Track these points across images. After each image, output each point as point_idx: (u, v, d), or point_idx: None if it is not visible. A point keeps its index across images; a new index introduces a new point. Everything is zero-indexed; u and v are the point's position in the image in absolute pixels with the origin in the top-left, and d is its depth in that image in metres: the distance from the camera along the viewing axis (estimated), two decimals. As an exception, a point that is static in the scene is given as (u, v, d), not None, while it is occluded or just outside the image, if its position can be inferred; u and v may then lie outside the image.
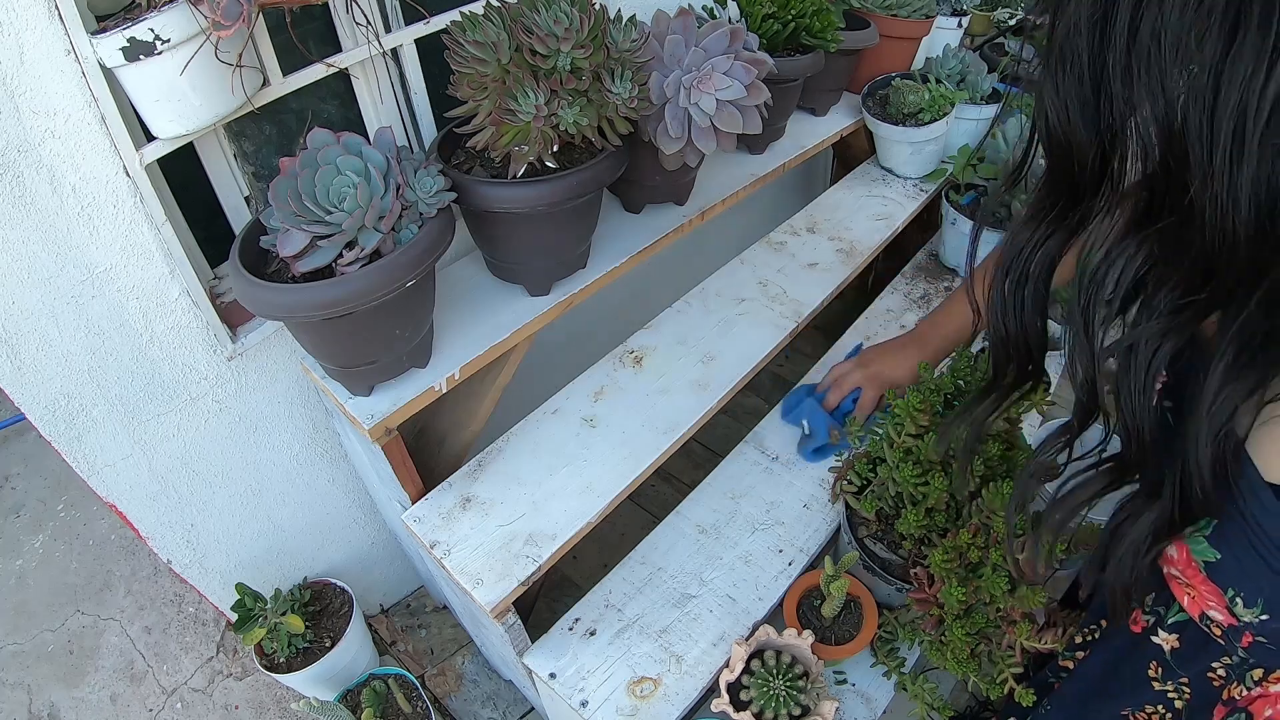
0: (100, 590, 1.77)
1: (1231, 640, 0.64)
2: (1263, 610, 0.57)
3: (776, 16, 1.27)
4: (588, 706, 0.99)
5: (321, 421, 1.27)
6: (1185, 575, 0.63)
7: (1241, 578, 0.58)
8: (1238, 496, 0.54)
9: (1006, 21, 1.97)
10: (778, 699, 0.91)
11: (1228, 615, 0.61)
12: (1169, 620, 0.71)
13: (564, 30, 0.85)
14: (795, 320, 1.32)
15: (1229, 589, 0.59)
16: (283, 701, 1.55)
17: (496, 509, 1.04)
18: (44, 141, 0.80)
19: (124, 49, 0.76)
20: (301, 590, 1.36)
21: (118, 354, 0.98)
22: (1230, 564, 0.58)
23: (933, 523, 0.95)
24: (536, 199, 0.95)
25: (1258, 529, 0.54)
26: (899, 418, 0.97)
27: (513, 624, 1.01)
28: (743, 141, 1.29)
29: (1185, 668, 0.71)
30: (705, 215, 1.29)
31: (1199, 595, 0.63)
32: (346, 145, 0.86)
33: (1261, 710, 0.67)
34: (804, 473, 1.25)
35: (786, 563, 1.13)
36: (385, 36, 1.05)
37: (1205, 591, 0.62)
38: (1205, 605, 0.63)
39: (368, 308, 0.84)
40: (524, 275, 1.10)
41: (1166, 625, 0.71)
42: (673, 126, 1.03)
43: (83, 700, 1.57)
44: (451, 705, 1.53)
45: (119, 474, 1.07)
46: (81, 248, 0.88)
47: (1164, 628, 0.71)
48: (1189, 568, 0.62)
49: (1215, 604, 0.61)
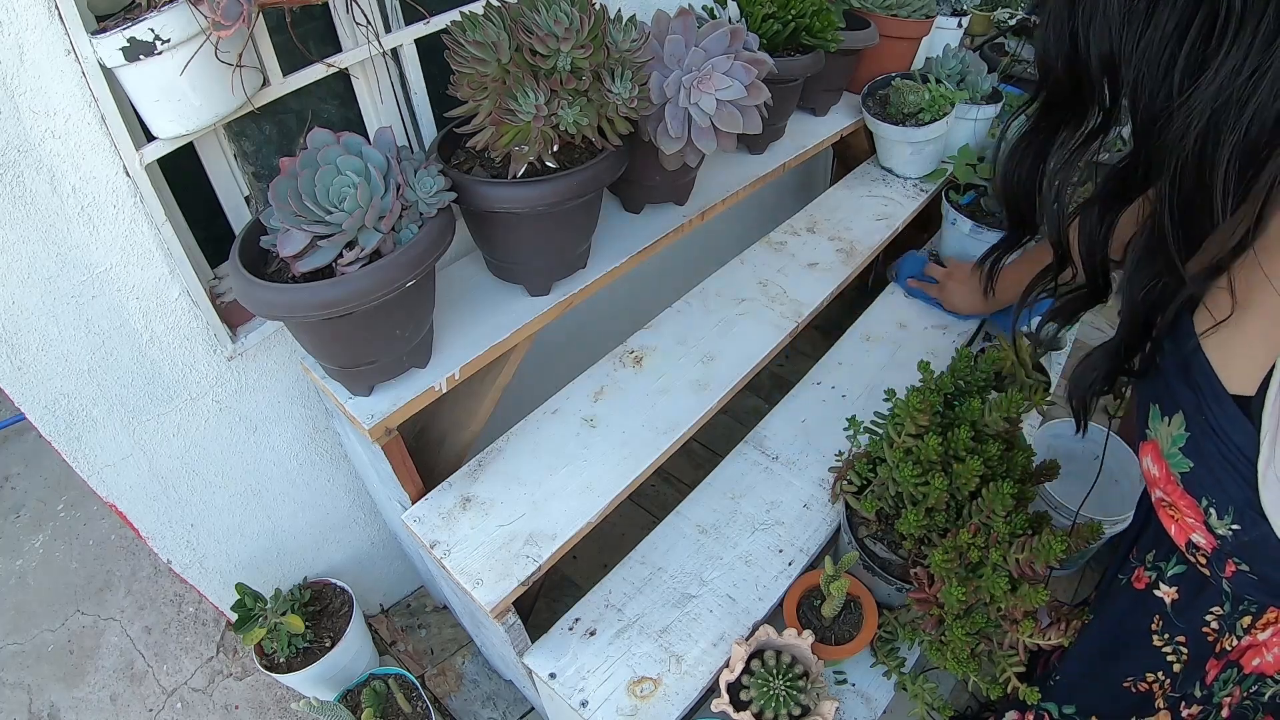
0: (100, 590, 1.77)
1: (1216, 571, 0.70)
2: (1234, 519, 0.63)
3: (776, 16, 1.27)
4: (588, 706, 0.99)
5: (321, 421, 1.27)
6: (1167, 492, 0.70)
7: (1213, 486, 0.64)
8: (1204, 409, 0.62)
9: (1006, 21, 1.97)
10: (778, 699, 0.91)
11: (1206, 533, 0.67)
12: (1169, 573, 0.79)
13: (564, 30, 0.85)
14: (795, 320, 1.32)
15: (1203, 498, 0.66)
16: (283, 701, 1.55)
17: (496, 509, 1.04)
18: (44, 141, 0.80)
19: (124, 49, 0.76)
20: (301, 590, 1.36)
21: (118, 354, 0.98)
22: (1203, 473, 0.64)
23: (933, 523, 0.95)
24: (536, 199, 0.95)
25: (1224, 438, 0.60)
26: (899, 418, 0.97)
27: (513, 624, 1.01)
28: (743, 141, 1.29)
29: (1183, 619, 0.78)
30: (705, 215, 1.29)
31: (1181, 516, 0.69)
32: (346, 145, 0.86)
33: (1250, 660, 0.74)
34: (804, 473, 1.25)
35: (786, 563, 1.13)
36: (385, 36, 1.05)
37: (1184, 507, 0.68)
38: (1188, 529, 0.69)
39: (368, 308, 0.84)
40: (524, 275, 1.10)
41: (1167, 579, 0.79)
42: (673, 126, 1.03)
43: (83, 700, 1.57)
44: (451, 705, 1.53)
45: (119, 474, 1.07)
46: (81, 248, 0.88)
47: (1165, 581, 0.79)
48: (1169, 482, 0.69)
49: (1195, 521, 0.67)
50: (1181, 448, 0.65)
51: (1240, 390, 0.59)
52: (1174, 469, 0.67)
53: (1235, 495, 0.61)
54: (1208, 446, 0.62)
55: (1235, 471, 0.60)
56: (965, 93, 1.59)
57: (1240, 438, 0.59)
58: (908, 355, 1.49)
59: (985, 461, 0.92)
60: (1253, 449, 0.58)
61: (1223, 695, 0.79)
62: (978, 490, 0.92)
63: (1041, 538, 0.86)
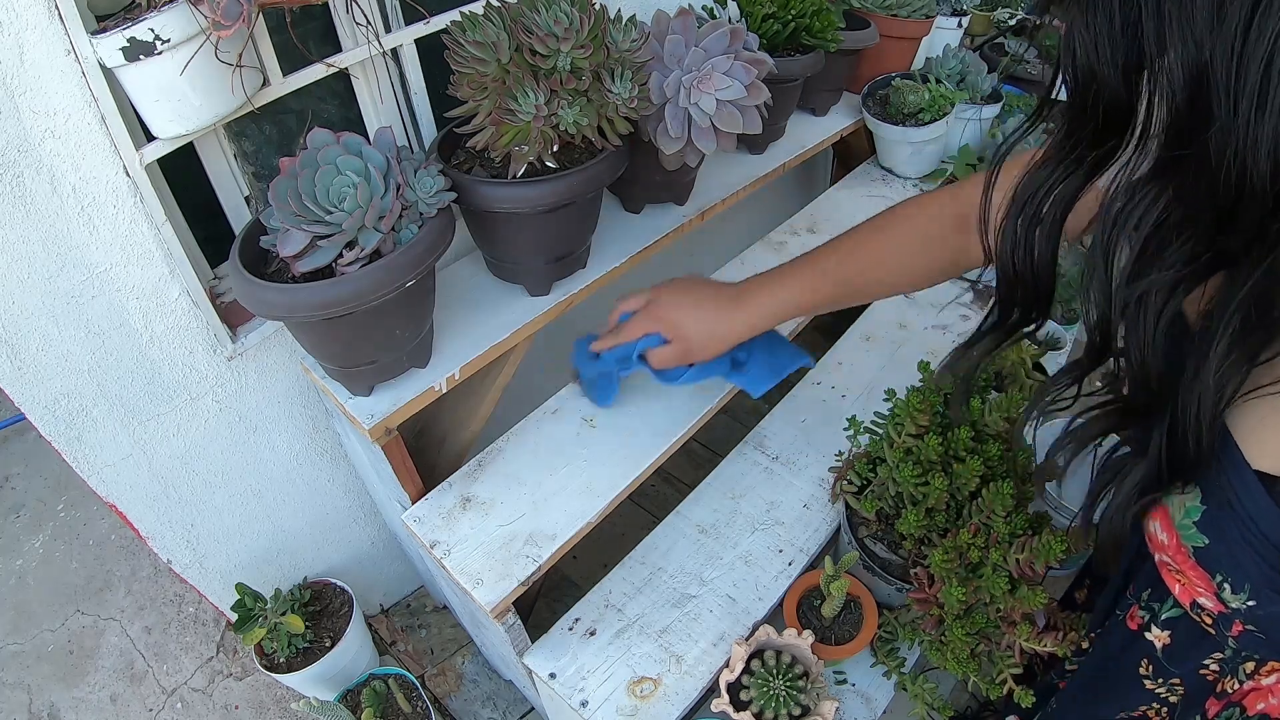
0: (100, 590, 1.77)
1: (1222, 630, 0.65)
2: (1249, 596, 0.58)
3: (776, 16, 1.27)
4: (588, 706, 0.99)
5: (321, 421, 1.27)
6: (1176, 561, 0.64)
7: (1229, 564, 0.58)
8: (1225, 485, 0.54)
9: (1006, 21, 1.97)
10: (778, 699, 0.91)
11: (1216, 602, 0.61)
12: (1162, 616, 0.72)
13: (564, 30, 0.85)
14: (795, 320, 1.32)
15: (1217, 574, 0.60)
16: (283, 701, 1.55)
17: (496, 509, 1.04)
18: (44, 141, 0.80)
19: (124, 49, 0.76)
20: (301, 590, 1.36)
21: (118, 354, 0.98)
22: (1218, 550, 0.58)
23: (933, 523, 0.95)
24: (536, 199, 0.95)
25: (1244, 516, 0.54)
26: (899, 418, 0.97)
27: (513, 624, 1.01)
28: (743, 141, 1.29)
29: (1177, 665, 0.72)
30: (705, 215, 1.29)
31: (1189, 582, 0.64)
32: (346, 145, 0.86)
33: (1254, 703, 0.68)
34: (804, 473, 1.25)
35: (786, 563, 1.13)
36: (385, 36, 1.05)
37: (1194, 578, 0.62)
38: (1195, 593, 0.64)
39: (368, 308, 0.84)
40: (524, 275, 1.10)
41: (1160, 621, 0.72)
42: (673, 126, 1.03)
43: (83, 700, 1.57)
44: (451, 705, 1.53)
45: (119, 474, 1.07)
46: (81, 248, 0.88)
47: (1157, 624, 0.72)
48: (1179, 553, 0.62)
49: (1204, 590, 0.62)
50: (1196, 521, 0.59)
51: (1269, 468, 0.52)
52: (1186, 541, 0.61)
53: (1254, 575, 0.56)
54: (1227, 525, 0.56)
55: (1255, 553, 0.55)
56: (965, 93, 1.59)
57: (1265, 522, 0.53)
58: (908, 355, 1.49)
59: (985, 461, 0.92)
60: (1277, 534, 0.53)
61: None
62: (978, 490, 0.92)
63: (1041, 538, 0.86)
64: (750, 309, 0.91)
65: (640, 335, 0.92)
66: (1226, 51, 0.38)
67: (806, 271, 0.91)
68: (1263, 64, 0.37)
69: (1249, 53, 0.37)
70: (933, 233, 0.86)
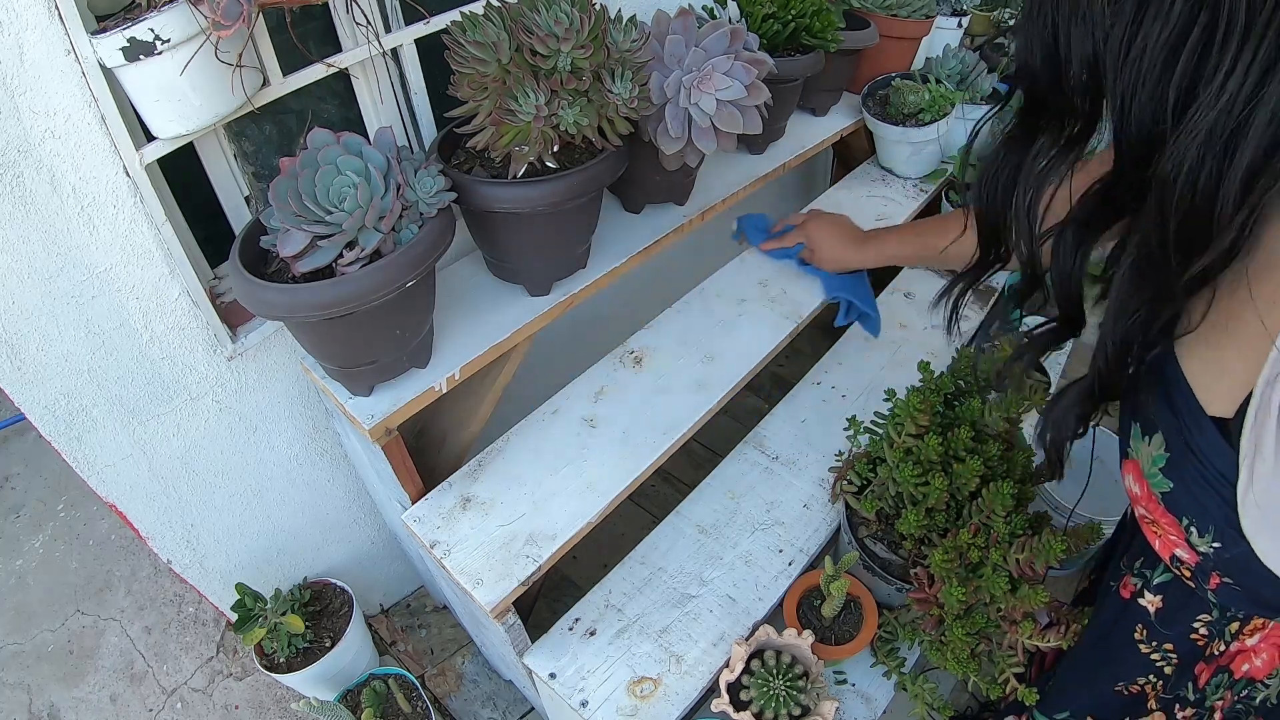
0: (100, 590, 1.77)
1: (1201, 583, 0.69)
2: (1214, 538, 0.63)
3: (776, 16, 1.27)
4: (588, 706, 0.99)
5: (321, 421, 1.27)
6: (1149, 510, 0.70)
7: (1193, 506, 0.63)
8: (1183, 430, 0.60)
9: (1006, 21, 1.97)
10: (778, 699, 0.91)
11: (1189, 550, 0.66)
12: (1154, 582, 0.78)
13: (564, 30, 0.85)
14: (795, 320, 1.32)
15: (1183, 517, 0.65)
16: (283, 701, 1.55)
17: (496, 509, 1.04)
18: (44, 141, 0.80)
19: (124, 49, 0.76)
20: (301, 590, 1.36)
21: (118, 354, 0.98)
22: (1182, 493, 0.64)
23: (933, 523, 0.95)
24: (536, 199, 0.95)
25: (1204, 460, 0.60)
26: (899, 418, 0.97)
27: (513, 624, 1.01)
28: (743, 141, 1.29)
29: (1169, 627, 0.77)
30: (705, 215, 1.29)
31: (1164, 533, 0.69)
32: (346, 145, 0.86)
33: (1239, 665, 0.73)
34: (804, 473, 1.25)
35: (786, 563, 1.13)
36: (385, 36, 1.05)
37: (1166, 525, 0.68)
38: (1171, 544, 0.69)
39: (368, 308, 0.84)
40: (524, 275, 1.10)
41: (1152, 587, 0.78)
42: (673, 126, 1.03)
43: (83, 700, 1.57)
44: (451, 705, 1.53)
45: (119, 474, 1.07)
46: (81, 248, 0.88)
47: (1150, 589, 0.78)
48: (1150, 501, 0.68)
49: (1177, 538, 0.67)
50: (1161, 468, 0.65)
51: (1220, 412, 0.58)
52: (1155, 488, 0.66)
53: (1216, 515, 0.61)
54: (1187, 468, 0.62)
55: (1215, 493, 0.60)
56: (965, 93, 1.59)
57: (1220, 461, 0.58)
58: (908, 355, 1.49)
59: (985, 461, 0.92)
60: (1232, 472, 0.57)
61: (1214, 699, 0.79)
62: (978, 490, 0.92)
63: (1041, 538, 0.86)
64: (866, 252, 1.31)
65: (793, 244, 1.38)
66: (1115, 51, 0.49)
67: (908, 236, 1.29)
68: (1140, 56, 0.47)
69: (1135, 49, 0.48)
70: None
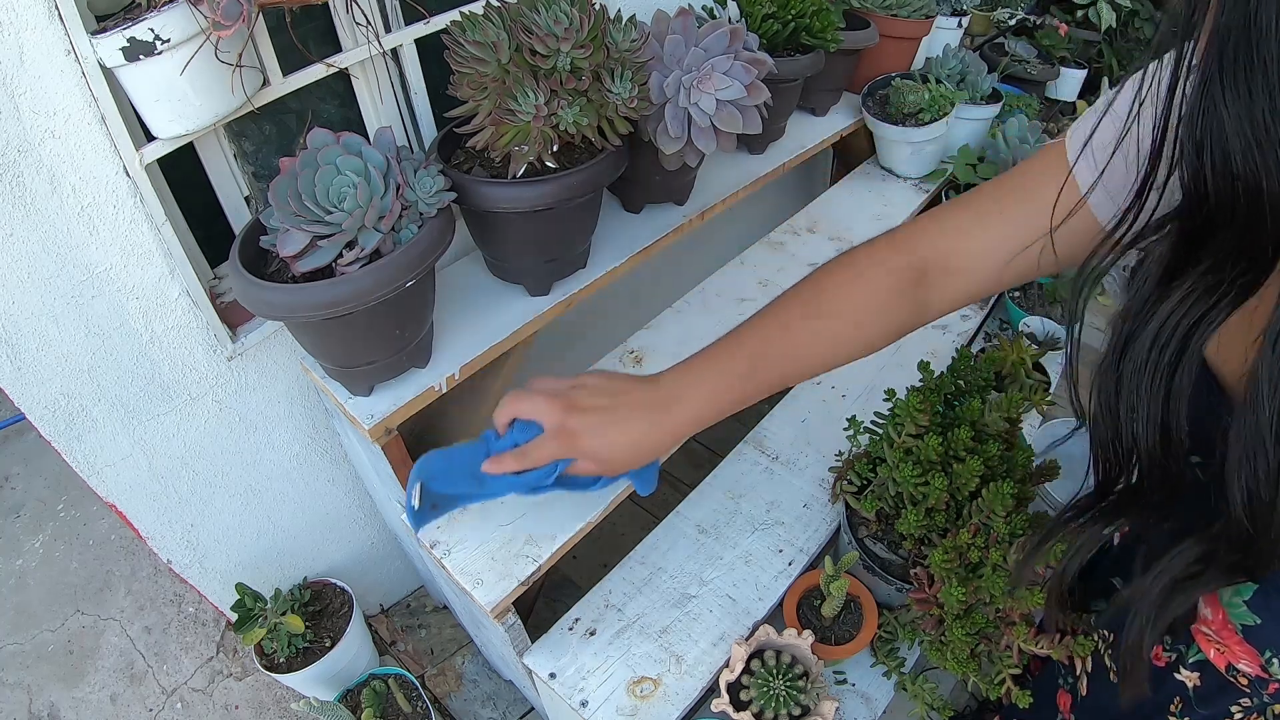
0: (100, 590, 1.77)
1: (1257, 688, 0.62)
2: None
3: (776, 16, 1.27)
4: (588, 706, 0.99)
5: (321, 421, 1.27)
6: (1220, 636, 0.60)
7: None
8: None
9: (1006, 21, 1.97)
10: (778, 699, 0.91)
11: (1260, 671, 0.59)
12: (1190, 660, 0.66)
13: (564, 30, 0.85)
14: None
15: (1266, 651, 0.56)
16: (283, 701, 1.55)
17: (496, 509, 1.04)
18: (44, 141, 0.80)
19: (124, 49, 0.76)
20: (301, 590, 1.36)
21: (118, 354, 0.98)
22: (1272, 629, 0.54)
23: (933, 523, 0.95)
24: (536, 199, 0.95)
25: None
26: (899, 418, 0.97)
27: (513, 624, 1.01)
28: (743, 141, 1.29)
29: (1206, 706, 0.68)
30: (705, 215, 1.29)
31: (1228, 650, 0.60)
32: (346, 145, 0.86)
33: None
34: (804, 473, 1.25)
35: (786, 563, 1.13)
36: (385, 36, 1.05)
37: (1239, 651, 0.59)
38: (1234, 659, 0.60)
39: (368, 308, 0.84)
40: (524, 275, 1.10)
41: (1188, 664, 0.66)
42: (673, 126, 1.03)
43: (83, 700, 1.57)
44: (451, 705, 1.53)
45: (119, 474, 1.07)
46: (81, 248, 0.88)
47: (1185, 666, 0.66)
48: (1225, 629, 0.58)
49: (1248, 661, 0.59)
50: (1247, 600, 0.56)
51: None
52: (1234, 619, 0.58)
53: None
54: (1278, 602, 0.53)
55: None
56: (965, 93, 1.59)
57: None
58: (908, 355, 1.48)
59: (985, 461, 0.92)
60: None
61: None
62: (978, 490, 0.92)
63: (1041, 538, 0.86)
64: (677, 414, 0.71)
65: (549, 462, 0.73)
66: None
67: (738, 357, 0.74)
68: None
69: None
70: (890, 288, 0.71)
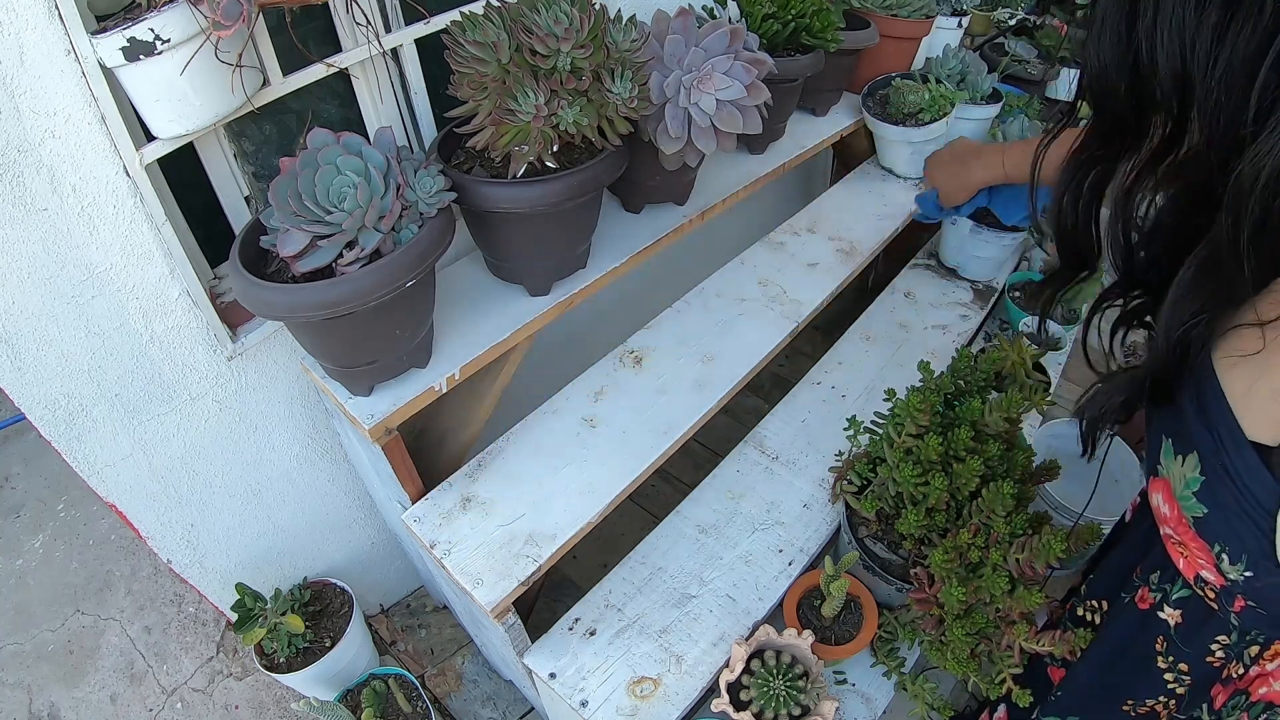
0: (100, 590, 1.77)
1: (1224, 605, 0.68)
2: (1246, 567, 0.61)
3: (776, 16, 1.27)
4: (588, 706, 0.99)
5: (321, 421, 1.27)
6: (1177, 533, 0.68)
7: (1227, 533, 0.61)
8: (1222, 455, 0.59)
9: (1006, 21, 1.97)
10: (778, 699, 0.91)
11: (1217, 574, 0.64)
12: (1174, 596, 0.75)
13: (564, 30, 0.85)
14: (795, 320, 1.32)
15: (1215, 544, 0.63)
16: (283, 701, 1.55)
17: (496, 509, 1.04)
18: (44, 141, 0.80)
19: (124, 49, 0.76)
20: (301, 590, 1.36)
21: (118, 354, 0.98)
22: (1217, 519, 0.62)
23: (933, 523, 0.95)
24: (536, 199, 0.95)
25: (1241, 486, 0.57)
26: (899, 418, 0.97)
27: (513, 624, 1.01)
28: (743, 141, 1.29)
29: (1188, 644, 0.75)
30: (705, 215, 1.29)
31: (1191, 554, 0.67)
32: (346, 145, 0.86)
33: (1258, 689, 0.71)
34: (804, 473, 1.25)
35: (786, 563, 1.13)
36: (385, 36, 1.05)
37: (1195, 549, 0.66)
38: (1197, 565, 0.67)
39: (368, 308, 0.84)
40: (524, 275, 1.10)
41: (1171, 601, 0.76)
42: (673, 126, 1.03)
43: (83, 700, 1.57)
44: (451, 705, 1.53)
45: (119, 474, 1.07)
46: (81, 248, 0.88)
47: (1169, 603, 0.76)
48: (1180, 524, 0.66)
49: (1205, 562, 0.65)
50: (1195, 492, 0.62)
51: (1261, 438, 0.56)
52: (1186, 512, 0.65)
53: (1250, 545, 0.59)
54: (1224, 494, 0.60)
55: (1251, 522, 0.58)
56: (965, 93, 1.59)
57: (1258, 489, 0.56)
58: (908, 355, 1.49)
59: (985, 461, 0.92)
60: (1271, 501, 0.56)
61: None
62: (978, 490, 0.92)
63: (1041, 538, 0.86)
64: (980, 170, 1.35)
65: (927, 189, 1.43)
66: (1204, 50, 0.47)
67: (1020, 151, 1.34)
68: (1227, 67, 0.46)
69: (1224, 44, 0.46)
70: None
